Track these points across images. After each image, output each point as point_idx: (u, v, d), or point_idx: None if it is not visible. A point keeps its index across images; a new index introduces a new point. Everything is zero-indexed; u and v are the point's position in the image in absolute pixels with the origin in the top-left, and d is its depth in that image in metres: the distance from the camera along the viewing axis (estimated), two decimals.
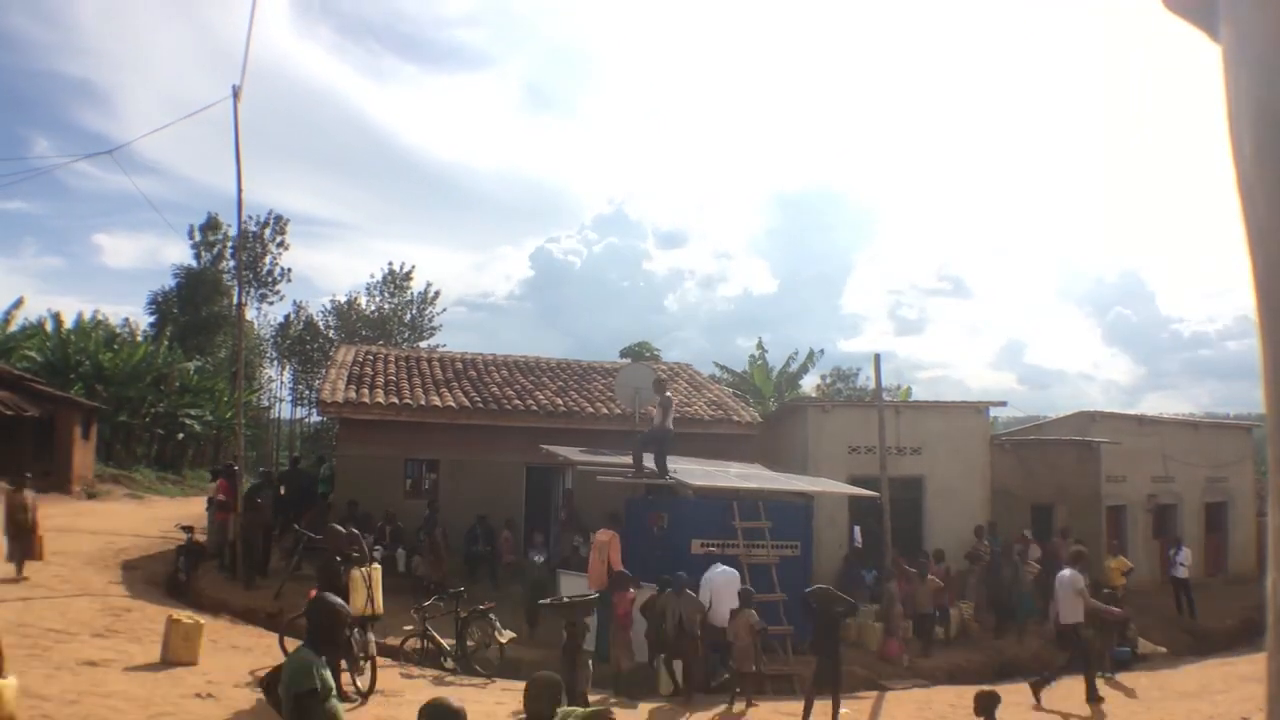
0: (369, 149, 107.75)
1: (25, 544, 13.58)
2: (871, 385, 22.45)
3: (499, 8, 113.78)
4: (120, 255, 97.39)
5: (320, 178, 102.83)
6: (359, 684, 9.82)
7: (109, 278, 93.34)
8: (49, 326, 35.14)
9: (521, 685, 11.55)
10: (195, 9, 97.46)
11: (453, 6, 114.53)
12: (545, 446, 16.56)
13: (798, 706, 11.55)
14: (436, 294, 51.32)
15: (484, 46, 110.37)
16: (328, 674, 4.61)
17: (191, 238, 49.09)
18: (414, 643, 12.18)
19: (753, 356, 37.25)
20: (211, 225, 49.94)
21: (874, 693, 12.83)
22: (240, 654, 11.23)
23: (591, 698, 9.72)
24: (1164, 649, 16.51)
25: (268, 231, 51.00)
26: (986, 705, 7.53)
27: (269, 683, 4.99)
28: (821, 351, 39.14)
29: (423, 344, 47.23)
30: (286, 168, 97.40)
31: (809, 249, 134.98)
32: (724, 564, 12.73)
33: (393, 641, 12.10)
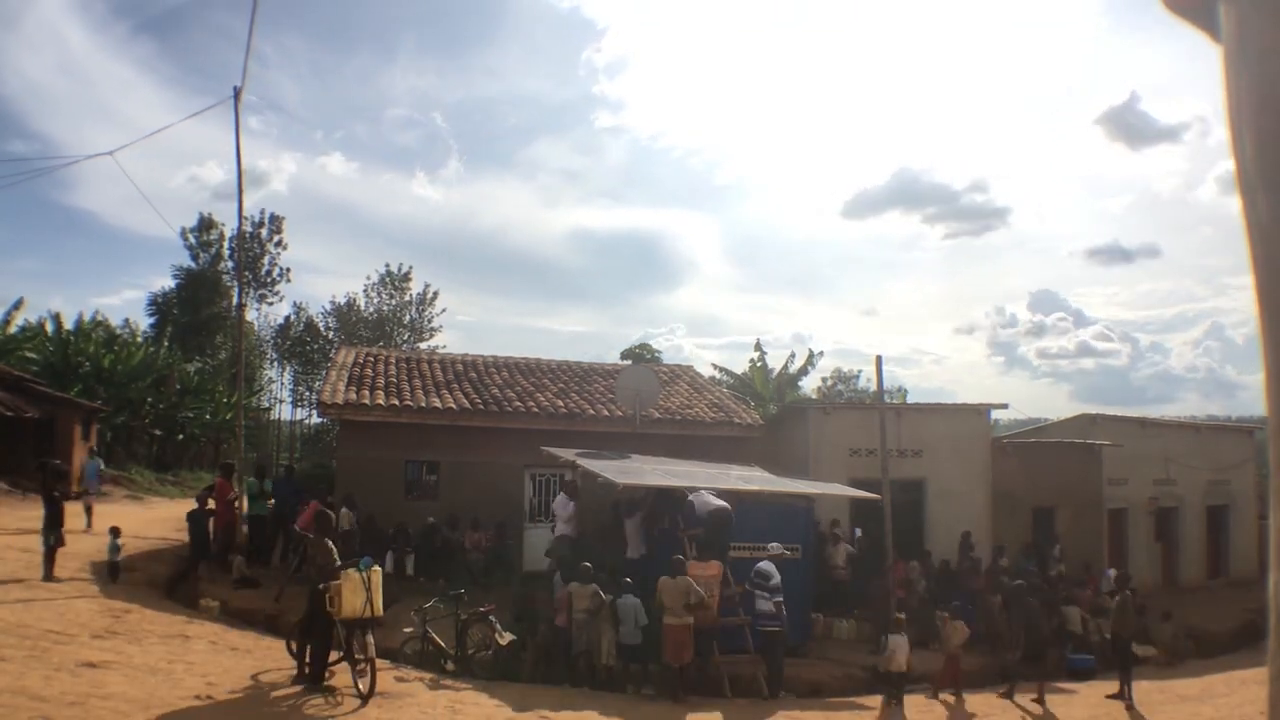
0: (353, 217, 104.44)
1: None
2: (872, 387, 22.44)
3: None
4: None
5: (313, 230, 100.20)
6: (360, 686, 9.82)
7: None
8: (49, 328, 35.18)
9: (521, 687, 11.56)
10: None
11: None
12: (546, 448, 16.55)
13: (795, 715, 11.56)
14: (435, 294, 51.42)
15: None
16: None
17: (185, 239, 49.23)
18: (414, 645, 12.18)
19: (752, 359, 37.34)
20: (204, 225, 50.06)
21: (878, 697, 12.81)
22: (240, 655, 11.21)
23: None
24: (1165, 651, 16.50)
25: (264, 231, 51.05)
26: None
27: None
28: (821, 353, 39.39)
29: (423, 345, 47.26)
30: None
31: None
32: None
33: (392, 644, 12.09)
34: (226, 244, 49.85)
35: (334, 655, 10.52)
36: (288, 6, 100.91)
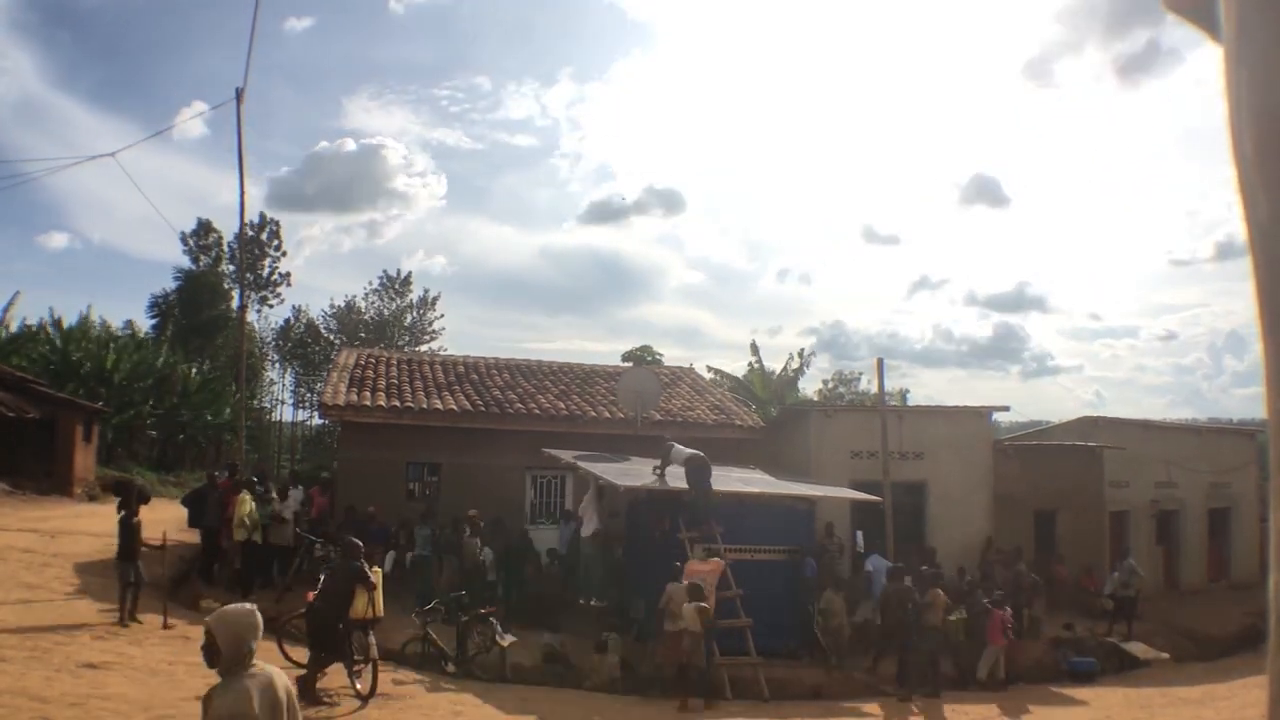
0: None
1: None
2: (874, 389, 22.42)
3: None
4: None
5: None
6: (359, 686, 9.82)
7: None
8: (50, 329, 35.20)
9: (521, 688, 11.54)
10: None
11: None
12: (547, 450, 16.56)
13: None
14: (436, 298, 51.58)
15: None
16: None
17: (185, 244, 49.30)
18: (415, 646, 12.17)
19: (750, 362, 37.41)
20: (203, 230, 50.23)
21: (875, 703, 12.80)
22: None
23: None
24: (1167, 655, 16.48)
25: (264, 235, 51.10)
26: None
27: None
28: (813, 354, 39.63)
29: (423, 347, 47.29)
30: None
31: None
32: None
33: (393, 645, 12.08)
34: (226, 248, 49.99)
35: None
36: (271, 38, 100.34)
